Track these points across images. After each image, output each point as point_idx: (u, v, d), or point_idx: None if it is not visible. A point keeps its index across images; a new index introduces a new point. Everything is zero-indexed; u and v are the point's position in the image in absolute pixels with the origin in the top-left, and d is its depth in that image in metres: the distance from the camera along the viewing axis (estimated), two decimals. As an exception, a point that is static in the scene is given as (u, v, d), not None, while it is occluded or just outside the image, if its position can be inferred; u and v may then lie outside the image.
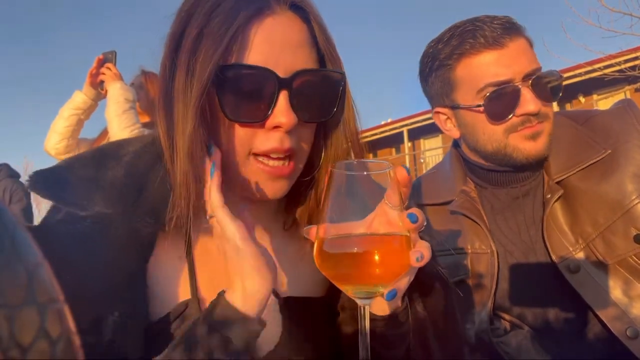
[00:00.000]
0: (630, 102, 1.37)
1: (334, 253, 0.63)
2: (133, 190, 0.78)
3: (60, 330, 0.23)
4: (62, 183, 0.77)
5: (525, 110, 1.23)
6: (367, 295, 0.64)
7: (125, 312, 0.71)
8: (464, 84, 1.30)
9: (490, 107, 1.26)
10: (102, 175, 0.78)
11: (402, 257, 0.63)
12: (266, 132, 0.75)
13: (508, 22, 1.26)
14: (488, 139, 1.30)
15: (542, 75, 1.25)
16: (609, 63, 10.15)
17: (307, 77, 0.76)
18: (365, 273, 0.62)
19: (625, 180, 1.23)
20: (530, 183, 1.36)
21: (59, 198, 0.76)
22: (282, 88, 0.74)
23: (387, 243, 0.64)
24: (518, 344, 1.30)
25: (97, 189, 0.76)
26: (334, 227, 0.63)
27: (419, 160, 19.91)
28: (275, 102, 0.74)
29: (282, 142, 0.75)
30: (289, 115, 0.74)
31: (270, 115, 0.74)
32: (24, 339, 0.21)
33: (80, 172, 0.78)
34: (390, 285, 0.66)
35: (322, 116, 0.81)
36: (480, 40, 1.24)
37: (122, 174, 0.79)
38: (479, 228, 1.36)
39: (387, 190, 0.65)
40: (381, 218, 0.64)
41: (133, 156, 0.82)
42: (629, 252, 1.21)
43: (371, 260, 0.62)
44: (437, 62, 1.34)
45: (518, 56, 1.24)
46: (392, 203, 0.64)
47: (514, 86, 1.23)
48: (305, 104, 0.76)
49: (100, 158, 0.81)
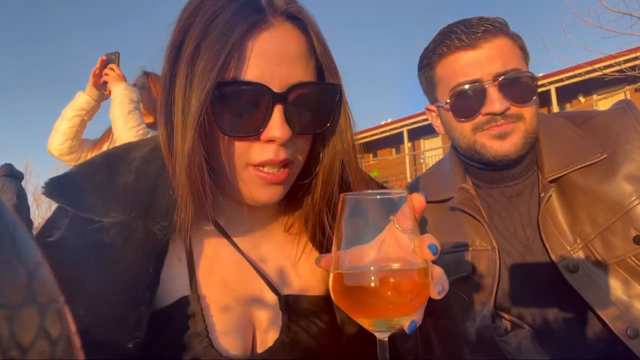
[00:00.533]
0: (629, 102, 1.37)
1: (352, 286, 0.61)
2: (145, 195, 0.80)
3: (61, 330, 0.23)
4: (78, 189, 0.79)
5: (489, 110, 1.26)
6: (388, 328, 0.62)
7: (145, 312, 0.72)
8: (442, 83, 1.37)
9: (457, 105, 1.32)
10: (114, 181, 0.80)
11: (423, 291, 0.61)
12: (261, 145, 0.76)
13: (491, 24, 1.29)
14: (460, 136, 1.36)
15: (513, 76, 1.27)
16: (609, 63, 10.17)
17: (302, 90, 0.77)
18: (386, 308, 0.60)
19: (625, 181, 1.23)
20: (523, 182, 1.37)
21: (77, 205, 0.78)
22: (277, 102, 0.75)
23: (409, 277, 0.61)
24: (518, 344, 1.30)
25: (112, 195, 0.78)
26: (348, 256, 0.61)
27: (419, 160, 19.92)
28: (269, 116, 0.75)
29: (277, 154, 0.76)
30: (283, 129, 0.75)
31: (265, 129, 0.75)
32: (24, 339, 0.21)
33: (95, 178, 0.81)
34: (410, 317, 0.64)
35: (317, 127, 0.81)
36: (455, 42, 1.30)
37: (132, 179, 0.81)
38: (479, 224, 1.37)
39: (399, 212, 0.62)
40: (391, 241, 0.63)
41: (141, 161, 0.84)
42: (628, 252, 1.21)
43: (392, 295, 0.59)
44: (425, 60, 1.42)
45: (492, 57, 1.27)
46: (403, 227, 0.62)
47: (481, 86, 1.27)
48: (300, 117, 0.78)
49: (110, 163, 0.83)
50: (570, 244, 1.26)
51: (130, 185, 0.80)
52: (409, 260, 0.61)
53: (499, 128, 1.28)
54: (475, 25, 1.30)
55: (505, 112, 1.26)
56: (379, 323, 0.61)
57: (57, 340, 0.23)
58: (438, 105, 1.41)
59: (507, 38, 1.31)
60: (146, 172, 0.82)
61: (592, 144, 1.30)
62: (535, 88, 1.31)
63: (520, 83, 1.28)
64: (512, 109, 1.27)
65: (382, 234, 0.63)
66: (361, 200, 0.62)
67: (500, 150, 1.28)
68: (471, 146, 1.33)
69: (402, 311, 0.60)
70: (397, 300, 0.59)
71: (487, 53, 1.28)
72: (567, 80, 15.13)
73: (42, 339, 0.22)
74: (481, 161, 1.34)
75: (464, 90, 1.29)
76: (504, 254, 1.36)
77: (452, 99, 1.32)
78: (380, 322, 0.61)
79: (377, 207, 0.62)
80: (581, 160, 1.28)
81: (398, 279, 0.60)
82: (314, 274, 0.89)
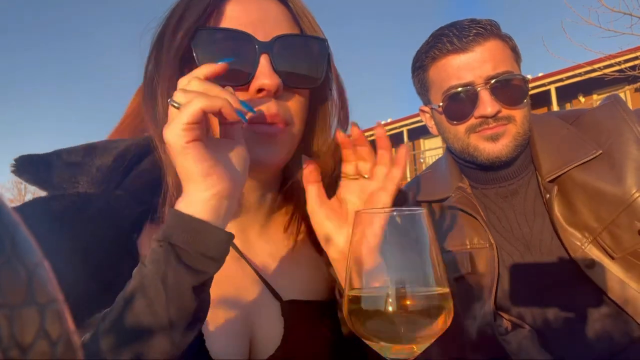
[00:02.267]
0: (617, 97, 1.39)
1: (368, 310, 0.56)
2: (118, 174, 0.77)
3: (60, 330, 0.23)
4: (47, 166, 0.76)
5: (481, 113, 1.28)
6: (406, 356, 0.57)
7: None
8: (434, 85, 1.39)
9: (450, 108, 1.33)
10: (89, 162, 0.77)
11: (444, 318, 0.56)
12: (251, 99, 0.72)
13: (483, 27, 1.31)
14: (453, 138, 1.37)
15: (505, 78, 1.28)
16: (609, 63, 10.16)
17: (288, 42, 0.75)
18: (404, 336, 0.55)
19: (624, 175, 1.24)
20: (518, 182, 1.38)
21: (42, 180, 0.75)
22: (263, 52, 0.72)
23: (429, 302, 0.56)
24: (519, 343, 1.30)
25: (82, 173, 0.75)
26: (364, 276, 0.57)
27: (419, 160, 19.92)
28: (257, 65, 0.71)
29: (268, 107, 0.72)
30: (272, 77, 0.71)
31: (253, 78, 0.71)
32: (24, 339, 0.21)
33: (66, 157, 0.77)
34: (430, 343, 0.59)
35: (309, 84, 0.78)
36: (447, 45, 1.32)
37: (110, 160, 0.78)
38: (477, 222, 1.38)
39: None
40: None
41: (123, 148, 0.81)
42: (635, 245, 1.22)
43: (411, 322, 0.55)
44: (418, 63, 1.43)
45: (483, 60, 1.29)
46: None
47: (473, 89, 1.29)
48: (288, 69, 0.74)
49: (89, 149, 0.80)
50: (579, 240, 1.27)
51: (105, 166, 0.77)
52: (431, 289, 0.56)
53: (491, 130, 1.29)
54: (466, 28, 1.31)
55: (497, 115, 1.28)
56: (394, 351, 0.57)
57: (57, 341, 0.23)
58: (431, 108, 1.43)
59: (498, 40, 1.32)
60: (124, 156, 0.79)
61: (587, 140, 1.31)
62: (526, 90, 1.33)
63: (511, 86, 1.30)
64: (504, 112, 1.29)
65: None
66: (377, 216, 0.59)
67: (492, 152, 1.30)
68: (465, 148, 1.35)
69: (420, 340, 0.56)
70: (415, 329, 0.55)
71: (479, 56, 1.29)
72: (567, 80, 15.12)
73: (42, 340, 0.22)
74: (475, 162, 1.36)
75: (456, 94, 1.31)
76: (503, 252, 1.36)
77: (444, 102, 1.33)
78: (396, 350, 0.56)
79: (392, 223, 0.58)
80: (578, 158, 1.29)
81: (417, 303, 0.55)
82: (315, 278, 0.86)
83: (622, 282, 1.22)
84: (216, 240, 0.61)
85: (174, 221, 0.61)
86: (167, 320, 0.58)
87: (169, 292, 0.58)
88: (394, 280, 0.55)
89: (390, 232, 0.57)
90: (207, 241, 0.60)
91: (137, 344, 0.58)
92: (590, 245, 1.26)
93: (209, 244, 0.60)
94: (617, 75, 9.70)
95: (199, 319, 0.62)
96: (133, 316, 0.58)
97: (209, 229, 0.61)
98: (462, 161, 1.43)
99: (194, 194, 0.62)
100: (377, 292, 0.56)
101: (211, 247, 0.60)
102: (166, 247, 0.59)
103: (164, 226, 0.61)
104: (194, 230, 0.60)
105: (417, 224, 0.58)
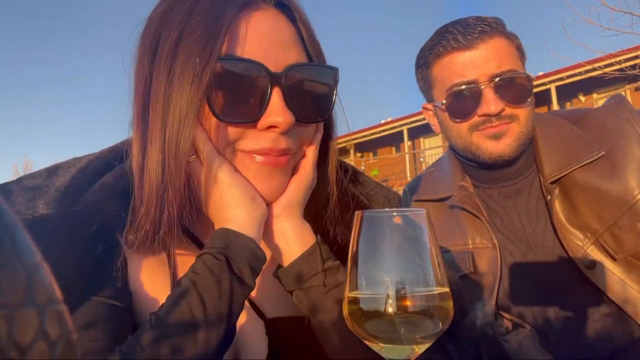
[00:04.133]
0: (621, 97, 1.37)
1: (368, 311, 0.55)
2: (77, 191, 0.74)
3: (60, 331, 0.23)
4: (8, 194, 0.74)
5: (485, 111, 1.27)
6: (407, 357, 0.56)
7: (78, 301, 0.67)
8: (438, 82, 1.38)
9: (453, 105, 1.32)
10: (49, 183, 0.75)
11: (445, 316, 0.56)
12: (257, 132, 0.69)
13: (488, 24, 1.30)
14: (456, 136, 1.36)
15: (509, 77, 1.28)
16: (610, 62, 10.15)
17: (300, 72, 0.71)
18: (405, 337, 0.55)
19: (627, 176, 1.23)
20: (521, 181, 1.37)
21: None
22: (275, 84, 0.68)
23: (429, 302, 0.55)
24: (519, 343, 1.30)
25: (41, 196, 0.73)
26: (365, 277, 0.57)
27: (419, 159, 19.90)
28: (268, 99, 0.67)
29: (277, 142, 0.69)
30: (285, 114, 0.67)
31: (264, 114, 0.68)
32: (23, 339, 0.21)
33: (27, 182, 0.75)
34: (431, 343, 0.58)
35: (319, 115, 0.76)
36: (451, 42, 1.30)
37: (68, 178, 0.75)
38: (479, 222, 1.37)
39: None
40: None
41: (85, 163, 0.79)
42: (637, 246, 1.22)
43: (412, 322, 0.54)
44: (422, 60, 1.42)
45: (487, 58, 1.28)
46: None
47: (477, 87, 1.28)
48: (300, 102, 0.70)
49: (52, 169, 0.78)
50: (581, 241, 1.27)
51: (63, 184, 0.74)
52: (432, 288, 0.56)
53: (494, 129, 1.28)
54: (471, 25, 1.30)
55: (500, 113, 1.27)
56: (394, 353, 0.56)
57: (56, 342, 0.23)
58: (435, 105, 1.42)
59: (503, 38, 1.31)
60: (85, 171, 0.77)
61: (590, 141, 1.30)
62: (530, 89, 1.32)
63: (515, 84, 1.29)
64: (507, 110, 1.28)
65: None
66: (378, 217, 0.58)
67: (495, 151, 1.29)
68: (467, 147, 1.34)
69: (422, 340, 0.55)
70: (416, 329, 0.55)
71: (483, 54, 1.28)
72: (568, 79, 15.12)
73: (41, 340, 0.22)
74: (477, 161, 1.35)
75: (460, 91, 1.30)
76: (505, 252, 1.36)
77: (448, 100, 1.32)
78: (396, 350, 0.56)
79: (394, 225, 0.57)
80: (580, 160, 1.28)
81: (417, 303, 0.55)
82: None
83: (623, 282, 1.22)
84: (260, 258, 0.68)
85: (228, 237, 0.67)
86: (218, 314, 0.62)
87: (222, 293, 0.63)
88: (394, 280, 0.55)
89: (391, 232, 0.57)
90: (255, 257, 0.67)
91: (180, 337, 0.61)
92: (591, 246, 1.26)
93: (256, 260, 0.68)
94: (617, 74, 9.69)
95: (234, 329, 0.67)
96: (180, 312, 0.62)
97: (256, 247, 0.68)
98: (465, 160, 1.42)
99: (243, 215, 0.69)
100: (377, 292, 0.55)
101: (259, 264, 0.68)
102: (223, 260, 0.65)
103: (215, 242, 0.67)
104: (248, 248, 0.67)
105: (418, 224, 0.57)
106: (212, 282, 0.63)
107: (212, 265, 0.64)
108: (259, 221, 0.70)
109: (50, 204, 0.71)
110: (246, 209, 0.69)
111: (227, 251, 0.65)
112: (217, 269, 0.64)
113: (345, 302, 0.57)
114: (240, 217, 0.69)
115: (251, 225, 0.69)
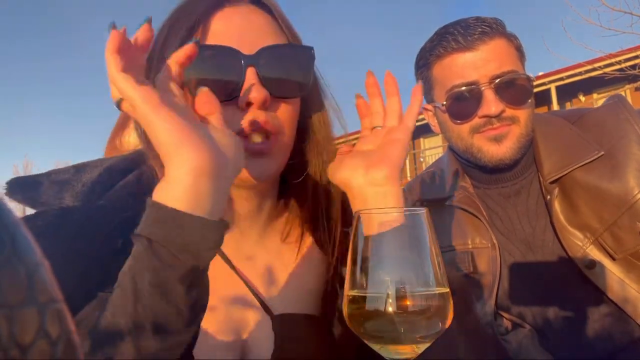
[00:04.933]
0: (621, 97, 1.38)
1: (368, 311, 0.55)
2: (103, 187, 0.77)
3: (60, 330, 0.23)
4: (37, 186, 0.77)
5: (485, 112, 1.27)
6: (407, 356, 0.56)
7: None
8: (438, 84, 1.37)
9: (453, 107, 1.32)
10: (77, 178, 0.79)
11: (445, 317, 0.56)
12: (240, 113, 0.73)
13: (488, 25, 1.29)
14: (457, 138, 1.36)
15: (509, 78, 1.27)
16: (609, 62, 10.16)
17: (273, 52, 0.75)
18: (405, 336, 0.54)
19: (627, 176, 1.24)
20: (521, 182, 1.37)
21: (30, 199, 0.76)
22: (249, 65, 0.72)
23: (429, 302, 0.55)
24: (519, 343, 1.31)
25: (68, 189, 0.77)
26: (364, 276, 0.56)
27: (419, 159, 19.91)
28: (243, 79, 0.72)
29: (257, 115, 0.73)
30: (259, 90, 0.71)
31: (240, 93, 0.72)
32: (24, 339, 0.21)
33: (55, 176, 0.79)
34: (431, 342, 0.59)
35: (297, 91, 0.79)
36: (451, 43, 1.30)
37: (95, 175, 0.79)
38: (479, 222, 1.37)
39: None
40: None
41: (111, 163, 0.83)
42: (637, 246, 1.22)
43: (412, 322, 0.54)
44: (422, 61, 1.42)
45: (488, 59, 1.28)
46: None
47: (477, 88, 1.27)
48: (276, 80, 0.74)
49: (80, 167, 0.82)
50: (581, 240, 1.27)
51: (90, 180, 0.78)
52: (432, 288, 0.56)
53: (495, 131, 1.28)
54: (472, 26, 1.30)
55: (501, 115, 1.27)
56: (395, 353, 0.56)
57: (57, 341, 0.23)
58: (435, 106, 1.42)
59: (503, 39, 1.31)
60: (111, 170, 0.81)
61: (589, 141, 1.30)
62: (531, 90, 1.31)
63: (515, 85, 1.29)
64: (508, 112, 1.27)
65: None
66: (377, 216, 0.59)
67: (496, 155, 1.29)
68: (468, 149, 1.33)
69: (423, 339, 0.55)
70: (417, 329, 0.54)
71: (484, 55, 1.28)
72: (568, 79, 15.11)
73: (42, 340, 0.22)
74: (478, 163, 1.35)
75: (460, 92, 1.29)
76: (505, 252, 1.36)
77: (448, 101, 1.32)
78: (397, 351, 0.56)
79: (393, 223, 0.57)
80: (579, 159, 1.28)
81: (417, 303, 0.55)
82: (311, 289, 0.85)
83: (622, 282, 1.22)
84: (197, 233, 0.56)
85: (150, 213, 0.57)
86: (131, 322, 0.54)
87: (137, 292, 0.55)
88: (394, 280, 0.55)
89: (391, 231, 0.57)
90: (184, 234, 0.55)
91: (106, 346, 0.55)
92: (591, 246, 1.26)
93: (186, 237, 0.55)
94: (617, 74, 9.69)
95: (196, 312, 0.59)
96: (104, 318, 0.57)
97: (186, 219, 0.56)
98: (465, 161, 1.42)
99: (169, 173, 0.57)
100: (378, 292, 0.55)
101: (192, 241, 0.56)
102: (143, 243, 0.56)
103: (142, 218, 0.58)
104: (170, 223, 0.55)
105: (418, 224, 0.57)
106: (129, 276, 0.58)
107: (135, 253, 0.60)
108: (189, 179, 0.58)
109: (76, 197, 0.75)
110: (169, 163, 0.59)
111: (147, 232, 0.58)
112: (138, 258, 0.58)
113: (345, 301, 0.57)
114: (168, 176, 0.59)
115: (179, 187, 0.58)
